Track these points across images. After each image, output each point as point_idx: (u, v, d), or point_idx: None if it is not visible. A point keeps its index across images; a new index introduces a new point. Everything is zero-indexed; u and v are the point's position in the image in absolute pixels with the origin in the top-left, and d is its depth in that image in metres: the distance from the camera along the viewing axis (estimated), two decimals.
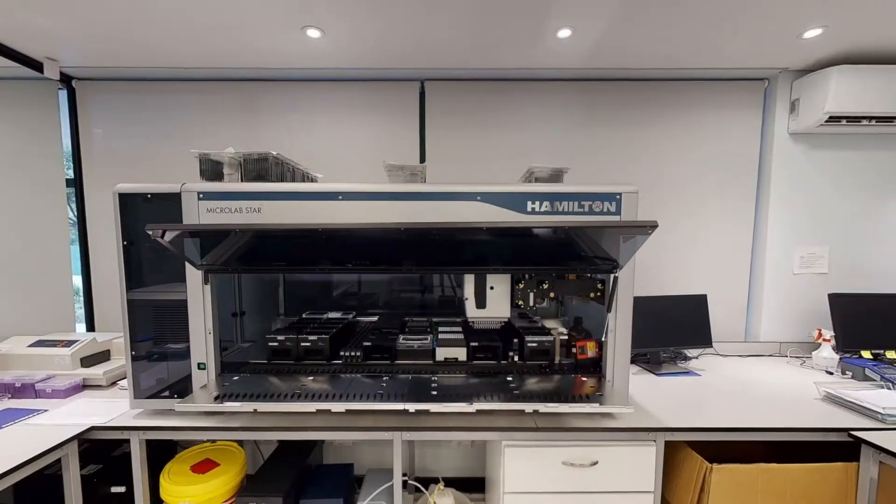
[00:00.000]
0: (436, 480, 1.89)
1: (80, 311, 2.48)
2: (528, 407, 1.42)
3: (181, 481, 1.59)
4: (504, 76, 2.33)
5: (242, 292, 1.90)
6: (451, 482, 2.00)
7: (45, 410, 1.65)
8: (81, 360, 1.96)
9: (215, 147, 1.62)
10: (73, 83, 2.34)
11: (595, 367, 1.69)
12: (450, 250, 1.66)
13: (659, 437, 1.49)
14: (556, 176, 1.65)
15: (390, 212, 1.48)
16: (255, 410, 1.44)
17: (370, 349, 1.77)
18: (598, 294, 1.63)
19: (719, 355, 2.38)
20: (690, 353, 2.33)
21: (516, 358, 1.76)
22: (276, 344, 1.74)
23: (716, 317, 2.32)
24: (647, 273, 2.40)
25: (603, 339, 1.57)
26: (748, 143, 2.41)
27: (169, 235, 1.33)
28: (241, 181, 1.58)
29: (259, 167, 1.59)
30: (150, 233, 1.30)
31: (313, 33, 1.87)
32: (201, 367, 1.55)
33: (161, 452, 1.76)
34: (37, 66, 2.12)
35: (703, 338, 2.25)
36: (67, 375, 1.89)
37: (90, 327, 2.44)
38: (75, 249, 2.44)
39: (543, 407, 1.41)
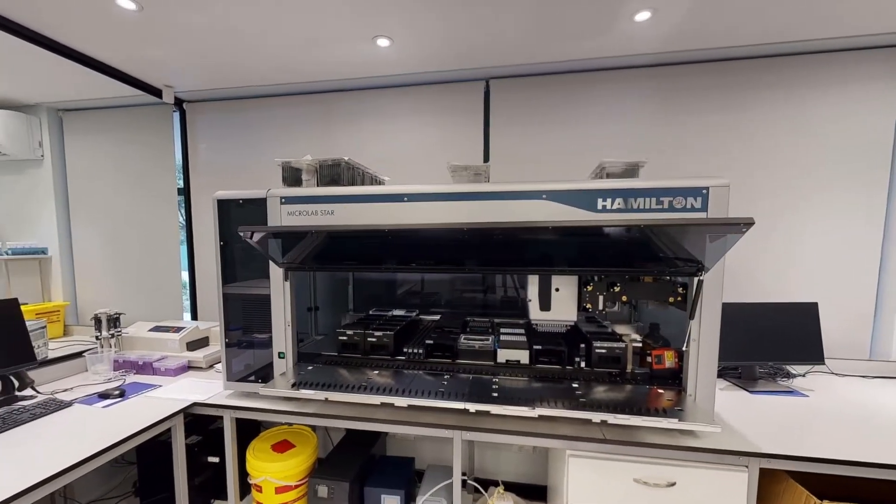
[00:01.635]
0: (495, 483, 1.86)
1: (187, 302, 2.86)
2: (596, 416, 1.34)
3: (264, 458, 1.75)
4: (571, 68, 2.23)
5: (317, 289, 2.05)
6: (511, 486, 1.96)
7: (160, 386, 1.93)
8: (187, 344, 2.27)
9: (297, 155, 1.76)
10: (184, 105, 2.72)
11: (674, 378, 1.54)
12: (513, 250, 1.63)
13: (752, 463, 1.31)
14: (630, 171, 1.54)
15: (454, 212, 1.49)
16: (327, 399, 1.54)
17: (432, 347, 1.80)
18: (679, 299, 1.48)
19: (833, 374, 2.03)
20: (795, 369, 2.02)
21: (583, 364, 1.67)
22: (345, 338, 1.85)
23: (830, 329, 1.99)
24: (741, 276, 2.13)
25: (684, 348, 1.43)
26: (877, 123, 2.01)
27: (256, 236, 1.48)
28: (318, 186, 1.70)
29: (333, 172, 1.70)
30: (241, 234, 1.46)
31: (383, 42, 1.96)
32: (281, 356, 1.70)
33: (247, 430, 1.95)
34: (156, 92, 2.49)
35: (812, 353, 1.93)
36: (176, 357, 2.19)
37: (194, 316, 2.81)
38: (184, 249, 2.83)
39: (613, 418, 1.31)
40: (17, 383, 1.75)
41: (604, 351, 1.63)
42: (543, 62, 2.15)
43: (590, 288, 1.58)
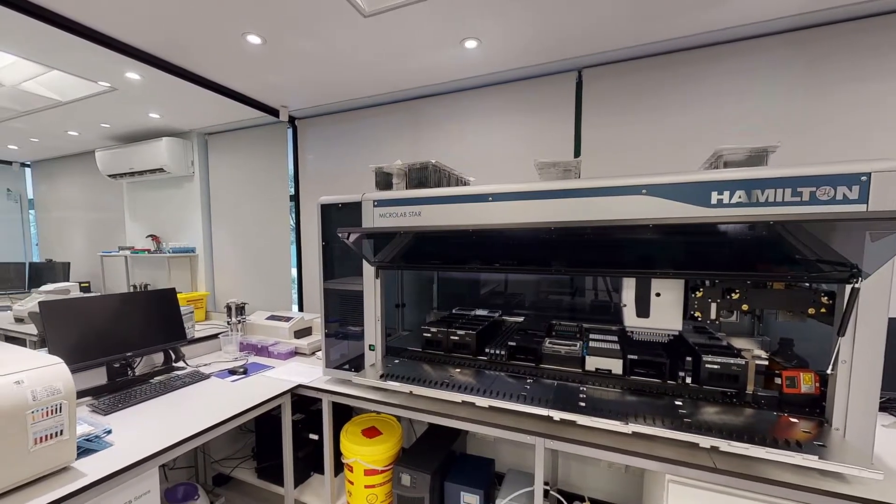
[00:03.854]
0: (581, 498, 1.74)
1: (295, 295, 3.24)
2: (705, 441, 1.16)
3: (355, 441, 1.89)
4: (677, 46, 1.98)
5: (404, 286, 2.15)
6: None
7: (274, 367, 2.20)
8: (295, 332, 2.56)
9: (390, 160, 1.88)
10: (296, 122, 3.09)
11: (812, 407, 1.27)
12: (606, 251, 1.51)
13: None
14: (756, 158, 1.30)
15: (541, 211, 1.43)
16: (411, 392, 1.60)
17: (514, 349, 1.75)
18: (823, 310, 1.22)
19: None
20: None
21: (688, 380, 1.48)
22: (429, 335, 1.90)
23: None
24: None
25: (828, 371, 1.17)
26: None
27: (352, 237, 1.61)
28: (406, 188, 1.79)
29: (420, 175, 1.77)
30: (339, 235, 1.60)
31: (470, 44, 1.98)
32: (371, 348, 1.82)
33: (341, 413, 2.13)
34: (274, 112, 2.88)
35: None
36: (286, 343, 2.49)
37: (301, 308, 3.17)
38: (293, 248, 3.21)
39: (727, 445, 1.13)
40: (173, 356, 2.15)
41: (716, 367, 1.42)
42: (645, 44, 1.96)
43: (699, 294, 1.39)
